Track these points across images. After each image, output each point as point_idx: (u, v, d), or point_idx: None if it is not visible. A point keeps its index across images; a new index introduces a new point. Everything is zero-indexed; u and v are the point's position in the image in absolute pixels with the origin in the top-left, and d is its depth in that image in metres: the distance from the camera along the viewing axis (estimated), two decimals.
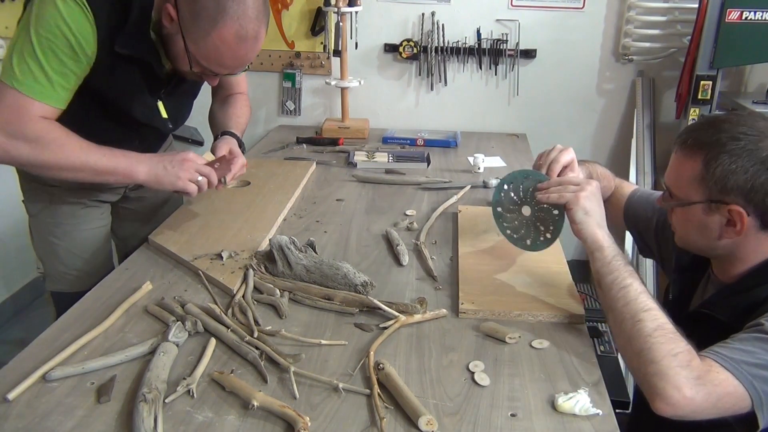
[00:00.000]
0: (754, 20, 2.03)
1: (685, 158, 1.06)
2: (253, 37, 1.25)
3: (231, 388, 0.96)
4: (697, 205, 1.06)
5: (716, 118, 1.06)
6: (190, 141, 2.76)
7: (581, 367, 1.03)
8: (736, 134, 1.01)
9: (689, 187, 1.06)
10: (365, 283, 1.23)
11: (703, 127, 1.06)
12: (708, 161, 1.02)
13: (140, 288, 1.24)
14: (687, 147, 1.05)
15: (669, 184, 1.12)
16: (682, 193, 1.08)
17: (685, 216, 1.10)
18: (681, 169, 1.07)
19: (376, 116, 2.66)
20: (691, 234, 1.11)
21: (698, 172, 1.03)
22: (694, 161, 1.04)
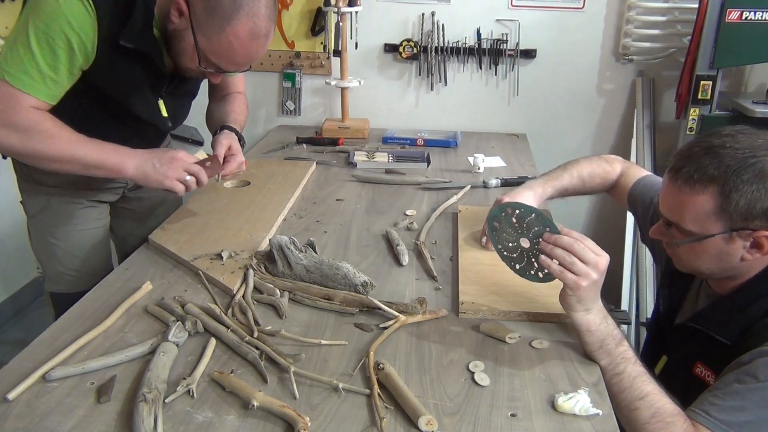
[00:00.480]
0: (754, 20, 2.03)
1: (693, 193, 1.00)
2: (265, 35, 1.26)
3: (231, 388, 0.96)
4: (716, 236, 1.01)
5: (710, 144, 1.01)
6: (190, 141, 2.75)
7: (581, 367, 1.03)
8: (743, 158, 0.97)
9: (705, 221, 1.01)
10: (365, 283, 1.23)
11: (700, 157, 1.00)
12: (727, 193, 0.97)
13: (140, 288, 1.24)
14: (693, 182, 1.00)
15: (674, 220, 1.05)
16: (695, 228, 1.02)
17: (701, 248, 1.04)
18: (691, 205, 1.01)
19: (376, 116, 2.66)
20: (705, 263, 1.07)
21: (715, 205, 0.99)
22: (707, 195, 0.99)
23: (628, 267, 2.44)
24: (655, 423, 0.93)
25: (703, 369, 1.09)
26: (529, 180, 1.48)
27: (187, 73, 1.37)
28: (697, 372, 1.10)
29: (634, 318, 2.39)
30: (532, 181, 1.47)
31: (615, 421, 0.91)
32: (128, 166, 1.31)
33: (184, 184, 1.35)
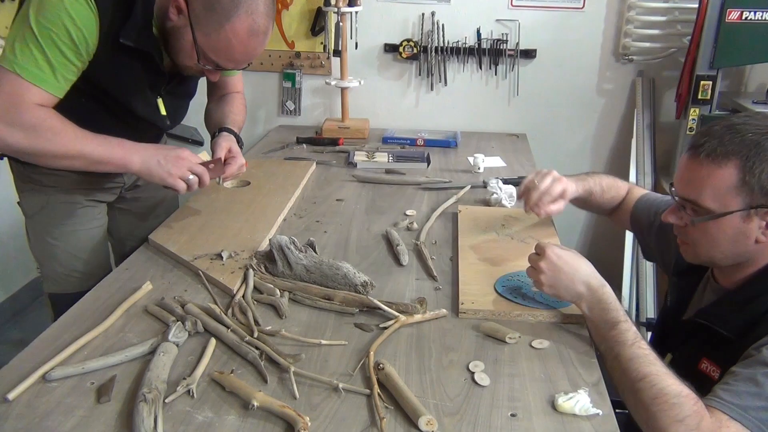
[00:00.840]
0: (754, 20, 2.03)
1: (715, 166, 1.00)
2: (264, 32, 1.26)
3: (231, 388, 0.96)
4: (735, 214, 1.01)
5: (731, 122, 1.02)
6: (190, 141, 2.76)
7: (581, 367, 1.03)
8: (765, 133, 0.98)
9: (725, 196, 1.00)
10: (365, 283, 1.23)
11: (722, 134, 1.01)
12: (749, 167, 0.97)
13: (140, 288, 1.24)
14: (716, 155, 0.99)
15: (693, 197, 1.04)
16: (715, 205, 1.02)
17: (717, 227, 1.03)
18: (711, 178, 1.01)
19: (376, 116, 2.66)
20: (719, 246, 1.06)
21: (737, 178, 0.98)
22: (729, 168, 0.99)
23: (628, 267, 2.44)
24: (659, 404, 0.91)
25: (708, 365, 1.08)
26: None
27: (186, 71, 1.37)
28: (702, 368, 1.09)
29: (634, 318, 2.39)
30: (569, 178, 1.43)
31: (615, 421, 0.91)
32: (134, 160, 1.32)
33: (187, 183, 1.36)
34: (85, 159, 1.28)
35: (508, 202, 1.70)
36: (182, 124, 2.73)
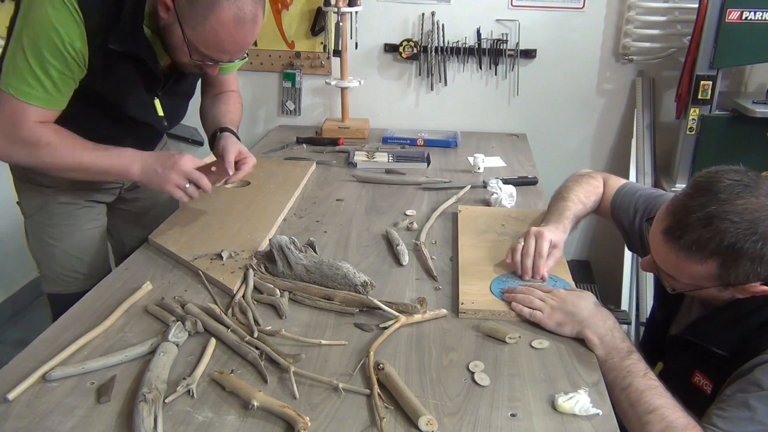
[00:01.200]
0: (754, 20, 2.03)
1: (691, 262, 1.00)
2: (251, 19, 1.25)
3: (231, 388, 0.96)
4: (710, 288, 1.03)
5: (709, 213, 0.96)
6: (190, 141, 2.76)
7: (581, 367, 1.03)
8: (745, 235, 0.95)
9: (701, 280, 1.02)
10: (365, 283, 1.23)
11: (699, 229, 0.97)
12: (727, 268, 0.98)
13: (140, 288, 1.24)
14: (691, 253, 0.99)
15: (670, 273, 1.06)
16: (690, 282, 1.04)
17: (692, 292, 1.08)
18: (687, 270, 1.02)
19: (376, 116, 2.66)
20: (696, 296, 1.10)
21: (713, 274, 0.99)
22: (706, 266, 0.99)
23: (628, 267, 2.44)
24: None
25: (701, 378, 1.09)
26: (548, 222, 1.38)
27: (184, 68, 1.37)
28: (695, 381, 1.10)
29: (634, 318, 2.39)
30: (550, 222, 1.38)
31: (615, 421, 0.91)
32: (134, 169, 1.34)
33: (184, 192, 1.36)
34: (85, 171, 1.32)
35: (508, 202, 1.70)
36: (182, 124, 2.73)
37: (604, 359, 1.05)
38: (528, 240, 1.29)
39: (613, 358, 1.04)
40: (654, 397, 0.96)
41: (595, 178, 1.49)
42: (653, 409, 0.95)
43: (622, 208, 1.39)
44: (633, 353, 1.04)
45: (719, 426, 0.93)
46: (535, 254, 1.27)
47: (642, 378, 0.99)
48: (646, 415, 0.95)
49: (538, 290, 1.19)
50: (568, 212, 1.39)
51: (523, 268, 1.27)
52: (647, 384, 0.98)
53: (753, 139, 2.18)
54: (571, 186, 1.47)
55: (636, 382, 0.99)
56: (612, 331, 1.08)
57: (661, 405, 0.95)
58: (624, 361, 1.03)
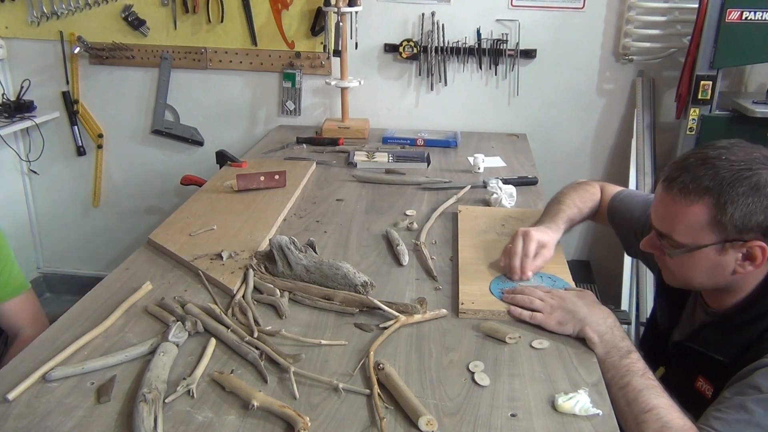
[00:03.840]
0: (754, 20, 2.03)
1: (688, 203, 0.99)
2: None
3: (231, 388, 0.96)
4: (709, 247, 1.01)
5: (706, 155, 1.00)
6: (190, 141, 2.76)
7: (581, 367, 1.03)
8: (739, 170, 0.96)
9: (699, 232, 1.00)
10: (365, 283, 1.23)
11: (696, 168, 0.99)
12: (722, 204, 0.96)
13: (140, 288, 1.24)
14: (688, 192, 0.99)
15: (666, 231, 1.05)
16: (687, 239, 1.02)
17: (691, 260, 1.04)
18: (684, 215, 1.01)
19: (376, 116, 2.66)
20: (697, 276, 1.06)
21: (709, 216, 0.98)
22: (701, 205, 0.98)
23: (628, 267, 2.44)
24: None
25: (704, 383, 1.08)
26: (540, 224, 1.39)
27: None
28: (698, 386, 1.09)
29: (634, 318, 2.39)
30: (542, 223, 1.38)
31: (615, 422, 0.91)
32: None
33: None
34: None
35: (508, 202, 1.70)
36: (182, 124, 2.74)
37: (603, 357, 1.04)
38: (515, 240, 1.29)
39: (612, 357, 1.03)
40: (651, 397, 0.96)
41: (591, 185, 1.50)
42: (650, 409, 0.94)
43: (620, 209, 1.39)
44: (632, 352, 1.04)
45: (716, 428, 0.92)
46: (522, 254, 1.27)
47: (640, 377, 0.99)
48: (642, 414, 0.94)
49: (537, 290, 1.18)
50: (562, 214, 1.40)
51: (509, 268, 1.28)
52: (645, 383, 0.98)
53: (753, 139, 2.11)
54: (567, 192, 1.48)
55: (634, 381, 0.99)
56: (612, 329, 1.07)
57: (658, 405, 0.95)
58: (623, 359, 1.02)
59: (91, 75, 2.72)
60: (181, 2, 2.53)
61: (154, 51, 2.62)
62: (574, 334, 1.10)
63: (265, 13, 2.54)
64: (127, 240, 2.96)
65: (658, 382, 0.99)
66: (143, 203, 2.93)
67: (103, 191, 2.89)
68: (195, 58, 2.61)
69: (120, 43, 2.60)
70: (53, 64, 2.69)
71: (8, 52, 2.68)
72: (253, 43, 2.58)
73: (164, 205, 2.91)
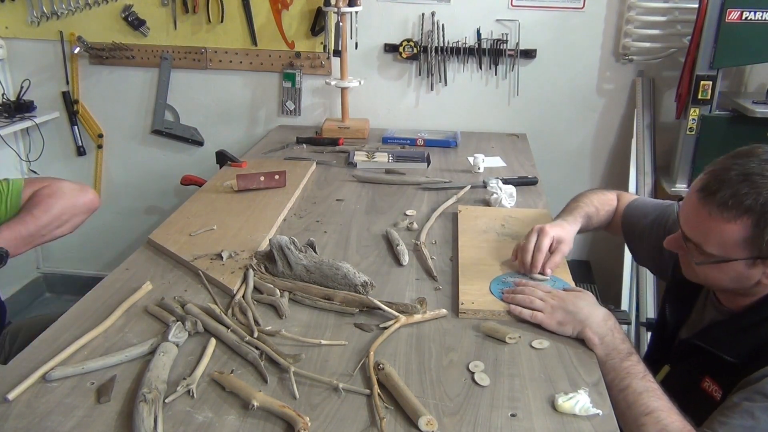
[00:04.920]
0: (754, 20, 2.03)
1: (725, 220, 0.97)
2: None
3: (231, 388, 0.96)
4: (738, 261, 1.00)
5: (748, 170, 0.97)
6: (190, 141, 2.76)
7: (581, 367, 1.03)
8: None
9: (731, 247, 0.99)
10: (365, 283, 1.23)
11: (737, 184, 0.96)
12: (762, 226, 0.95)
13: (140, 288, 1.24)
14: (727, 209, 0.96)
15: (697, 241, 1.03)
16: (717, 251, 1.00)
17: (718, 268, 1.03)
18: (718, 231, 0.98)
19: (376, 116, 2.66)
20: (719, 281, 1.06)
21: (746, 235, 0.96)
22: (739, 225, 0.96)
23: (628, 267, 2.44)
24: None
25: (711, 384, 1.08)
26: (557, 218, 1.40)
27: None
28: (705, 387, 1.09)
29: (634, 318, 2.39)
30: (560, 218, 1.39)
31: (615, 422, 0.91)
32: None
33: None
34: None
35: (508, 202, 1.70)
36: (182, 124, 2.74)
37: (603, 360, 1.04)
38: (529, 236, 1.29)
39: (613, 359, 1.03)
40: (651, 400, 0.96)
41: (609, 192, 1.50)
42: (649, 412, 0.95)
43: (634, 216, 1.39)
44: (632, 354, 1.04)
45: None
46: (535, 249, 1.27)
47: (640, 380, 0.99)
48: (642, 417, 0.95)
49: (538, 290, 1.18)
50: (579, 210, 1.40)
51: (520, 264, 1.28)
52: (645, 386, 0.98)
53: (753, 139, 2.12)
54: (584, 194, 1.49)
55: (634, 383, 0.99)
56: (612, 331, 1.07)
57: (658, 408, 0.95)
58: (623, 362, 1.02)
59: (91, 75, 2.72)
60: (181, 2, 2.53)
61: (154, 51, 2.62)
62: (574, 335, 1.10)
63: (265, 13, 2.54)
64: (127, 240, 2.96)
65: (658, 385, 0.99)
66: (143, 203, 2.93)
67: (103, 191, 2.89)
68: (195, 58, 2.61)
69: (120, 43, 2.60)
70: (53, 64, 2.69)
71: (8, 52, 2.68)
72: (253, 43, 2.58)
73: (164, 205, 2.91)
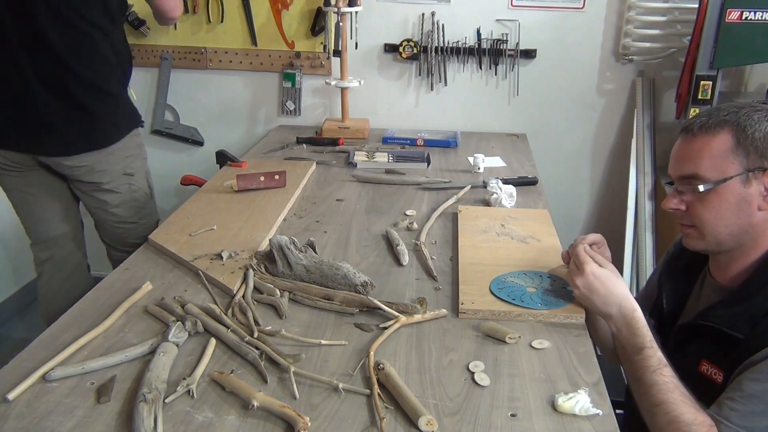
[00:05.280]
0: (754, 20, 2.03)
1: (709, 136, 1.04)
2: None
3: (231, 388, 0.96)
4: (734, 179, 1.03)
5: (716, 106, 1.09)
6: (190, 141, 2.76)
7: (581, 367, 1.03)
8: (753, 104, 1.04)
9: (722, 162, 1.03)
10: (365, 283, 1.23)
11: (711, 111, 1.07)
12: (743, 128, 1.02)
13: (140, 288, 1.24)
14: (708, 127, 1.04)
15: (690, 171, 1.07)
16: (713, 173, 1.04)
17: (719, 197, 1.05)
18: (707, 148, 1.04)
19: (376, 116, 2.66)
20: (725, 216, 1.06)
21: (731, 144, 1.03)
22: (723, 136, 1.03)
23: (628, 267, 2.44)
24: (672, 430, 0.94)
25: (709, 367, 1.08)
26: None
27: None
28: (703, 371, 1.09)
29: None
30: None
31: (615, 421, 0.91)
32: None
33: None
34: None
35: (508, 202, 1.70)
36: (182, 124, 2.74)
37: (620, 352, 1.09)
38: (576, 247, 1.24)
39: (627, 352, 1.07)
40: (660, 393, 0.98)
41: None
42: (659, 403, 0.97)
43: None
44: (645, 349, 1.04)
45: (733, 421, 0.93)
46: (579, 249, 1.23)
47: (652, 373, 1.01)
48: (653, 407, 0.98)
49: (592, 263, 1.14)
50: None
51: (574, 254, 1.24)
52: (655, 380, 1.00)
53: None
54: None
55: (646, 376, 1.01)
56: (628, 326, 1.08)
57: (667, 400, 0.97)
58: (635, 356, 1.04)
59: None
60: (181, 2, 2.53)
61: (154, 51, 2.62)
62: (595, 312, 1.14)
63: (265, 13, 2.54)
64: None
65: (671, 378, 1.00)
66: None
67: None
68: (195, 58, 2.61)
69: None
70: None
71: None
72: (253, 43, 2.58)
73: (164, 205, 2.91)
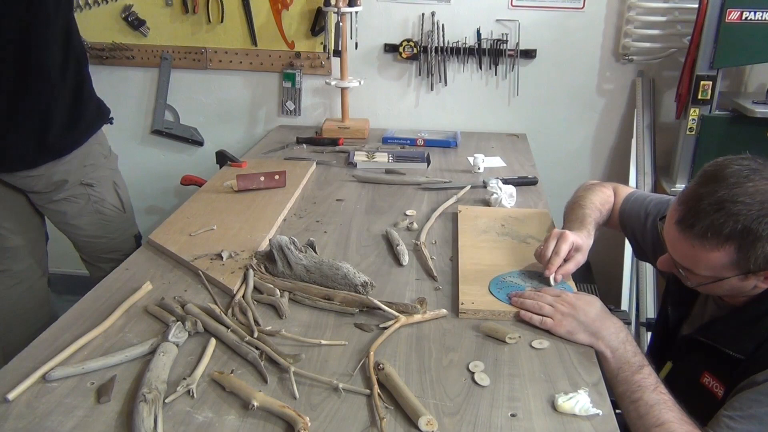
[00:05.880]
0: (754, 20, 2.03)
1: (708, 249, 0.98)
2: None
3: (231, 388, 0.96)
4: (732, 278, 1.01)
5: (719, 198, 0.96)
6: (190, 141, 2.76)
7: (581, 367, 1.03)
8: (758, 216, 0.94)
9: (722, 269, 1.00)
10: (365, 283, 1.23)
11: (711, 214, 0.97)
12: (744, 250, 0.96)
13: (140, 288, 1.24)
14: (707, 239, 0.97)
15: (688, 267, 1.04)
16: (709, 273, 1.02)
17: (713, 285, 1.04)
18: (705, 259, 1.00)
19: (376, 116, 2.66)
20: (718, 293, 1.08)
21: (732, 259, 0.98)
22: (723, 251, 0.97)
23: (628, 267, 2.44)
24: None
25: (710, 380, 1.08)
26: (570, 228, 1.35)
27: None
28: (704, 382, 1.09)
29: (634, 318, 2.39)
30: (573, 229, 1.34)
31: (615, 422, 0.91)
32: None
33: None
34: None
35: (508, 202, 1.70)
36: (182, 124, 2.74)
37: (615, 373, 1.04)
38: (548, 241, 1.27)
39: (625, 372, 1.03)
40: (662, 412, 0.96)
41: (606, 188, 1.48)
42: (660, 423, 0.95)
43: (633, 214, 1.38)
44: (644, 367, 1.03)
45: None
46: (552, 253, 1.24)
47: (652, 392, 0.99)
48: (652, 428, 0.95)
49: (547, 295, 1.17)
50: (589, 219, 1.37)
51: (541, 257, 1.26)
52: (656, 398, 0.98)
53: (753, 139, 2.17)
54: (585, 194, 1.45)
55: (645, 396, 0.99)
56: (624, 344, 1.07)
57: (669, 419, 0.95)
58: (635, 375, 1.02)
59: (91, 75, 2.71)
60: (181, 2, 2.53)
61: (154, 51, 2.62)
62: (584, 343, 1.09)
63: (265, 13, 2.53)
64: None
65: (669, 396, 0.99)
66: (143, 203, 2.93)
67: None
68: (195, 58, 2.61)
69: (120, 43, 2.60)
70: None
71: None
72: (253, 43, 2.58)
73: (164, 205, 2.91)
